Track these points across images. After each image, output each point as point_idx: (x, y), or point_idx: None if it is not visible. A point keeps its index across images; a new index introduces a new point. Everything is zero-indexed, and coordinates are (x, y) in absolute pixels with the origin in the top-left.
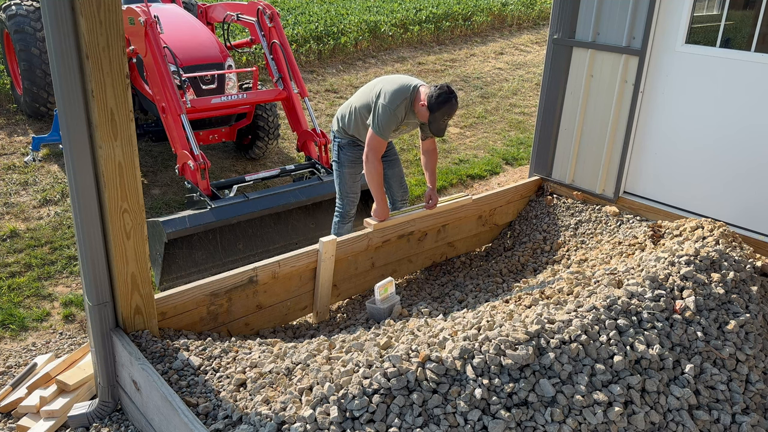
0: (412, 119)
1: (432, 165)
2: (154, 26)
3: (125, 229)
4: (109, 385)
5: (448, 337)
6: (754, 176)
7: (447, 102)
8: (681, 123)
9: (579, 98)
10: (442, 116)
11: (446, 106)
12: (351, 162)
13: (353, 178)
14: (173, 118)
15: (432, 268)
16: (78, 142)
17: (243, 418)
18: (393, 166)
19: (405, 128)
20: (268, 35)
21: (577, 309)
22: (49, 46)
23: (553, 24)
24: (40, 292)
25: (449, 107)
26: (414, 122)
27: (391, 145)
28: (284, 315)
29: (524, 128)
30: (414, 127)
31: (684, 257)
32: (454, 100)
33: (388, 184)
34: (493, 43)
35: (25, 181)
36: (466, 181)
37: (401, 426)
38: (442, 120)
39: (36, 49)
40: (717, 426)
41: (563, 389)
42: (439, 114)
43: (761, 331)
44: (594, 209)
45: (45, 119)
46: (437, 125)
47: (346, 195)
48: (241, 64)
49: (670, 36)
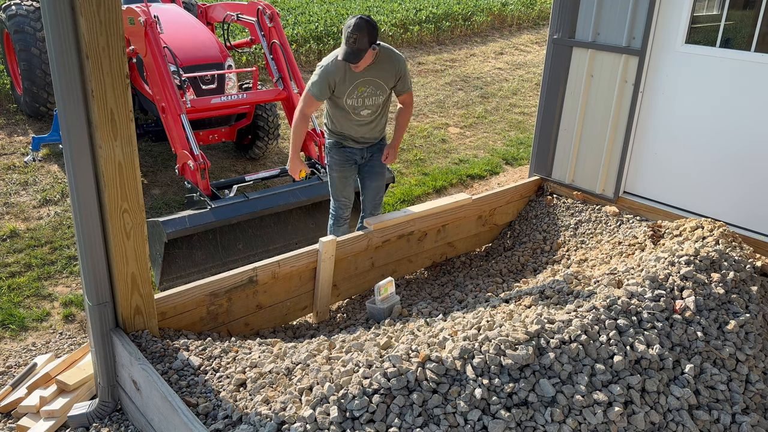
0: (354, 74)
1: (401, 119)
2: (154, 26)
3: (125, 229)
4: (109, 385)
5: (448, 337)
6: (755, 176)
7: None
8: (681, 123)
9: (579, 98)
10: (345, 38)
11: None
12: (339, 165)
13: (343, 182)
14: (173, 118)
15: (432, 268)
16: (78, 142)
17: (243, 418)
18: (373, 178)
19: (363, 90)
20: (268, 35)
21: (577, 309)
22: (49, 46)
23: (553, 24)
24: (40, 292)
25: (346, 27)
26: (364, 79)
27: (376, 159)
28: (284, 315)
29: (524, 128)
30: (371, 85)
31: (684, 257)
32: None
33: (364, 193)
34: (493, 43)
35: (25, 181)
36: (466, 181)
37: (401, 426)
38: (347, 42)
39: (36, 49)
40: (717, 426)
41: (563, 389)
42: (344, 39)
43: (761, 331)
44: (594, 209)
45: (45, 119)
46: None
47: (337, 198)
48: (241, 64)
49: (670, 36)
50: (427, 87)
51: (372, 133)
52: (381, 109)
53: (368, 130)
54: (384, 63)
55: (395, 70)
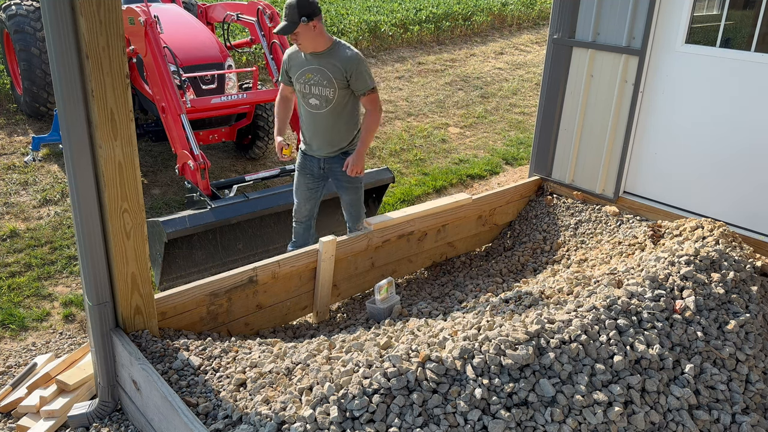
0: (305, 60)
1: (365, 124)
2: (154, 26)
3: (125, 229)
4: (109, 385)
5: (448, 337)
6: (754, 176)
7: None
8: (681, 123)
9: (579, 98)
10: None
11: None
12: (298, 169)
13: (298, 193)
14: (173, 118)
15: (432, 268)
16: (78, 142)
17: (243, 418)
18: (342, 192)
19: (311, 77)
20: (268, 35)
21: (577, 309)
22: (49, 46)
23: (553, 24)
24: (40, 292)
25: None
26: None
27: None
28: (284, 315)
29: (524, 128)
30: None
31: (684, 257)
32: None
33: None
34: (493, 43)
35: (25, 181)
36: (466, 181)
37: (401, 426)
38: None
39: (36, 49)
40: (717, 426)
41: (563, 389)
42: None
43: (761, 331)
44: (594, 209)
45: (45, 119)
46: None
47: (293, 213)
48: (241, 64)
49: (670, 36)
50: (427, 87)
51: (325, 137)
52: (331, 107)
53: (321, 132)
54: (333, 57)
55: (344, 66)
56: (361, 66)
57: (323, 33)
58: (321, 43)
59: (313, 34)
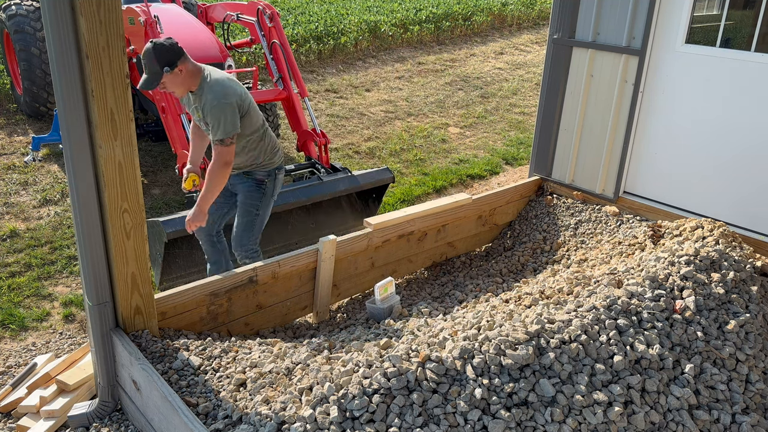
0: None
1: (206, 175)
2: (154, 26)
3: (125, 229)
4: (109, 385)
5: (448, 337)
6: (755, 176)
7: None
8: (681, 123)
9: (579, 98)
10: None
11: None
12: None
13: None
14: (173, 118)
15: (432, 268)
16: (78, 142)
17: (243, 418)
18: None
19: (197, 114)
20: (268, 35)
21: (577, 309)
22: (49, 46)
23: (553, 24)
24: (40, 292)
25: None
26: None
27: (237, 189)
28: (284, 315)
29: (524, 128)
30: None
31: (684, 257)
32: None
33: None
34: (493, 43)
35: (25, 181)
36: (466, 181)
37: (401, 426)
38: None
39: (36, 49)
40: (717, 426)
41: (563, 389)
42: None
43: (761, 331)
44: (594, 209)
45: (45, 119)
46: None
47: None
48: (241, 64)
49: (670, 36)
50: (427, 87)
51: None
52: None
53: None
54: (199, 98)
55: (203, 111)
56: (216, 113)
57: (192, 72)
58: (194, 83)
59: (182, 78)
